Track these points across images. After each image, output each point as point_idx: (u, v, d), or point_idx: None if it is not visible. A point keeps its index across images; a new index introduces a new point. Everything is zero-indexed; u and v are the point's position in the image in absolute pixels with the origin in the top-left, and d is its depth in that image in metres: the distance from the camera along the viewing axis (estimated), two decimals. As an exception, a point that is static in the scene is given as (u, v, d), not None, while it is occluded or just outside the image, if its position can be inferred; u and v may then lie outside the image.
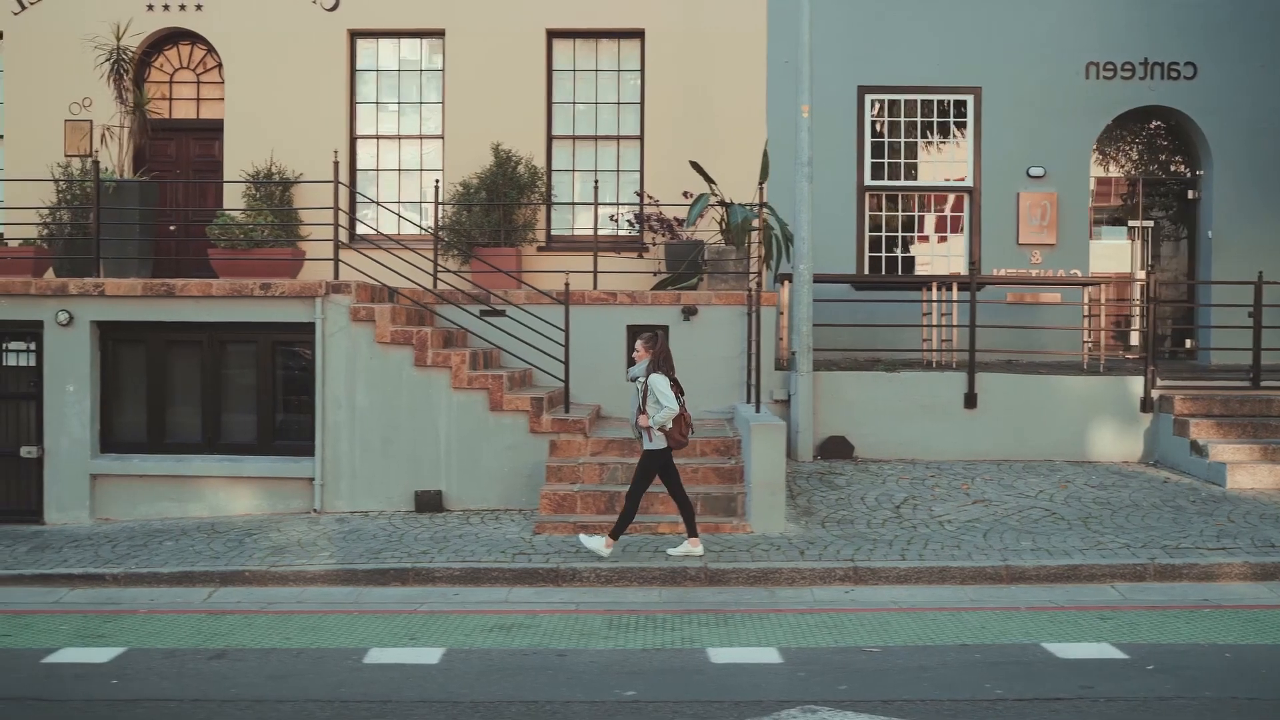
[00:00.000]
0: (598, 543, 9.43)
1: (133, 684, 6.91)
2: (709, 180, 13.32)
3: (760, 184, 13.64)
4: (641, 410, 9.38)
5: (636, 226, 14.59)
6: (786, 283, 13.50)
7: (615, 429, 11.72)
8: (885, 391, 12.91)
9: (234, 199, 14.59)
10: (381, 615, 8.52)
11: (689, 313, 12.86)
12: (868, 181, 15.07)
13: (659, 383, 9.29)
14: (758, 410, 11.15)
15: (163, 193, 13.99)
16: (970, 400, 12.80)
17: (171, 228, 14.58)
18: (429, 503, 11.26)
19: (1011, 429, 12.78)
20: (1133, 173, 15.50)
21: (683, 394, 9.55)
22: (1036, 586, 9.11)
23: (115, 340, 11.73)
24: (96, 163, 12.03)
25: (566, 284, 11.81)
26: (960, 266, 15.11)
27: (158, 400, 11.68)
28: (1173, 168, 15.42)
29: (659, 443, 9.40)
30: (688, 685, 6.79)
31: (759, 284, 13.20)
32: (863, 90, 14.99)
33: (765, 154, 13.74)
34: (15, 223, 13.44)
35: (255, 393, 11.71)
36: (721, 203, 13.29)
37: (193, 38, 15.55)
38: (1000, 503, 11.14)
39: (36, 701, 6.59)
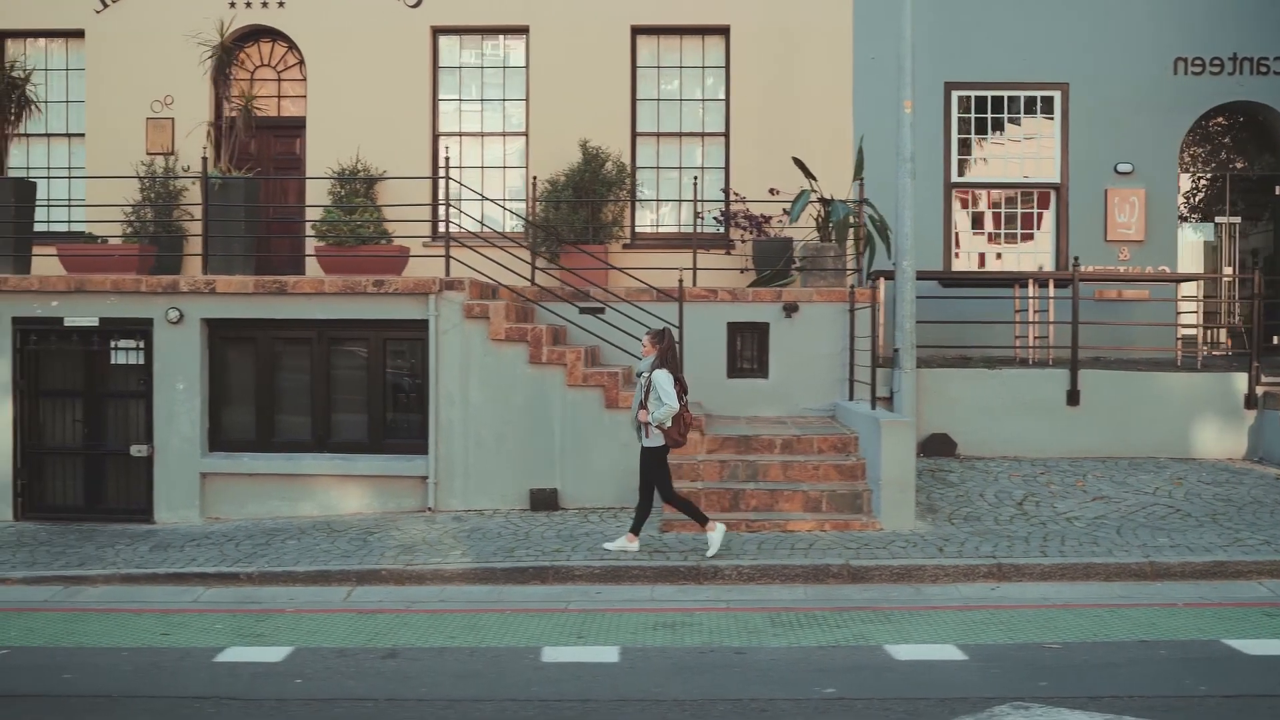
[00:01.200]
0: (621, 543, 9.57)
1: (318, 684, 6.83)
2: (810, 176, 13.26)
3: (855, 180, 13.55)
4: (643, 405, 9.30)
5: (722, 224, 14.50)
6: (882, 279, 13.41)
7: (727, 426, 11.67)
8: (987, 389, 12.83)
9: (319, 195, 14.46)
10: (535, 614, 8.43)
11: (790, 309, 12.79)
12: (954, 178, 14.97)
13: (662, 379, 9.26)
14: (873, 407, 11.08)
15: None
16: (1073, 397, 12.73)
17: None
18: (544, 501, 11.17)
19: (1114, 426, 12.70)
20: (1220, 168, 15.41)
21: (686, 393, 9.50)
22: (1182, 583, 9.04)
23: (223, 338, 11.63)
24: (206, 159, 11.94)
25: (680, 281, 11.74)
26: (1046, 263, 15.04)
27: (266, 398, 11.59)
28: (1260, 163, 15.33)
29: (656, 439, 9.39)
30: (882, 682, 6.71)
31: (859, 280, 13.10)
32: (949, 87, 14.91)
33: (860, 150, 13.66)
34: (100, 220, 13.32)
35: (365, 390, 11.63)
36: (821, 199, 13.19)
37: (274, 35, 15.45)
38: (1120, 499, 11.05)
39: (231, 700, 6.51)
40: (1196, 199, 15.84)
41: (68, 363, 11.67)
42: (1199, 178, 15.69)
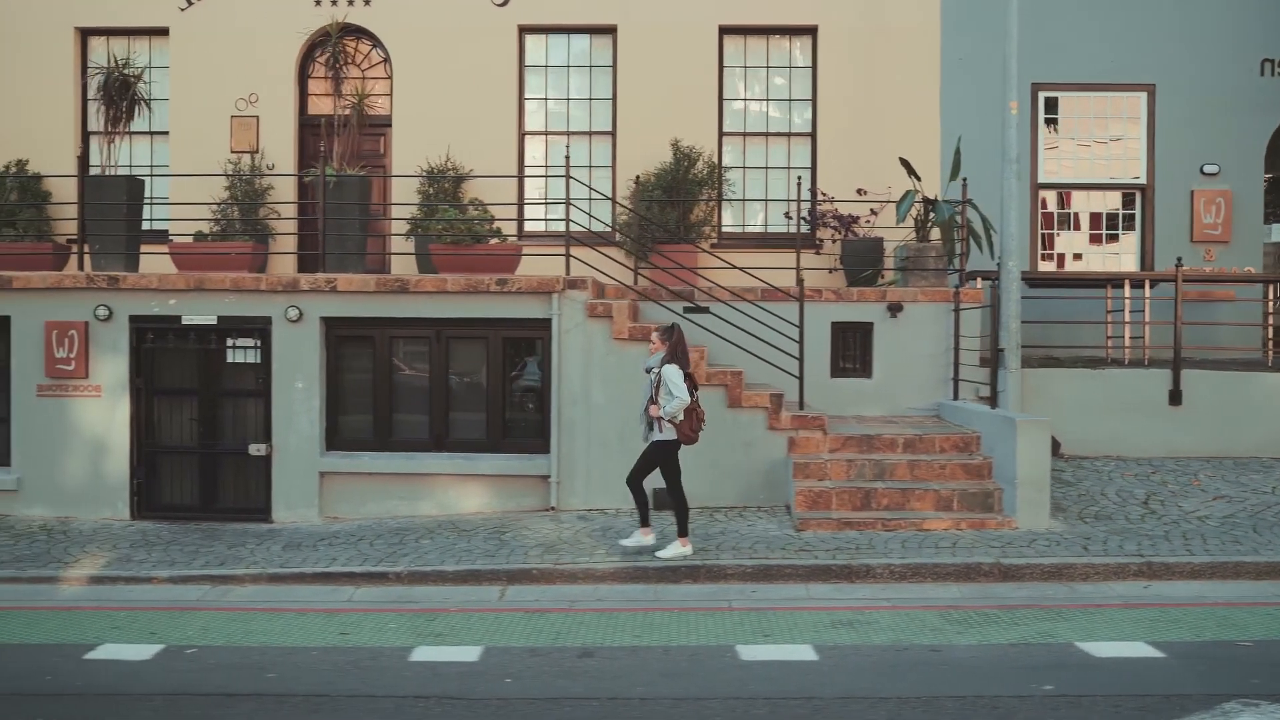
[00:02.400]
0: (675, 549, 9.52)
1: (530, 683, 6.83)
2: (915, 177, 13.26)
3: (951, 180, 13.58)
4: (653, 401, 9.36)
5: (810, 223, 14.52)
6: (979, 279, 13.46)
7: (847, 426, 11.66)
8: (1089, 388, 12.88)
9: (404, 194, 14.42)
10: (705, 612, 8.46)
11: (895, 309, 12.81)
12: (1041, 179, 15.01)
13: (672, 374, 9.29)
14: (992, 407, 11.14)
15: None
16: (1175, 397, 12.78)
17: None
18: (666, 500, 11.11)
19: (1215, 426, 12.75)
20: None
21: (696, 389, 9.52)
22: (1332, 580, 9.03)
23: (340, 336, 11.60)
24: (324, 156, 11.89)
25: (800, 281, 11.78)
26: (1131, 264, 15.10)
27: (384, 397, 11.57)
28: (1344, 165, 15.45)
29: (669, 434, 9.43)
30: (1095, 679, 6.75)
31: (960, 280, 13.12)
32: (1036, 87, 14.97)
33: (958, 150, 13.69)
34: (192, 219, 13.26)
35: (484, 389, 11.59)
36: (925, 200, 13.21)
37: (358, 33, 15.37)
38: (1241, 499, 11.11)
39: (453, 700, 6.50)
40: (1283, 200, 15.91)
41: (184, 361, 11.63)
42: (1285, 179, 15.77)
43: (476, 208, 12.21)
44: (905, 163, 13.30)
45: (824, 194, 14.84)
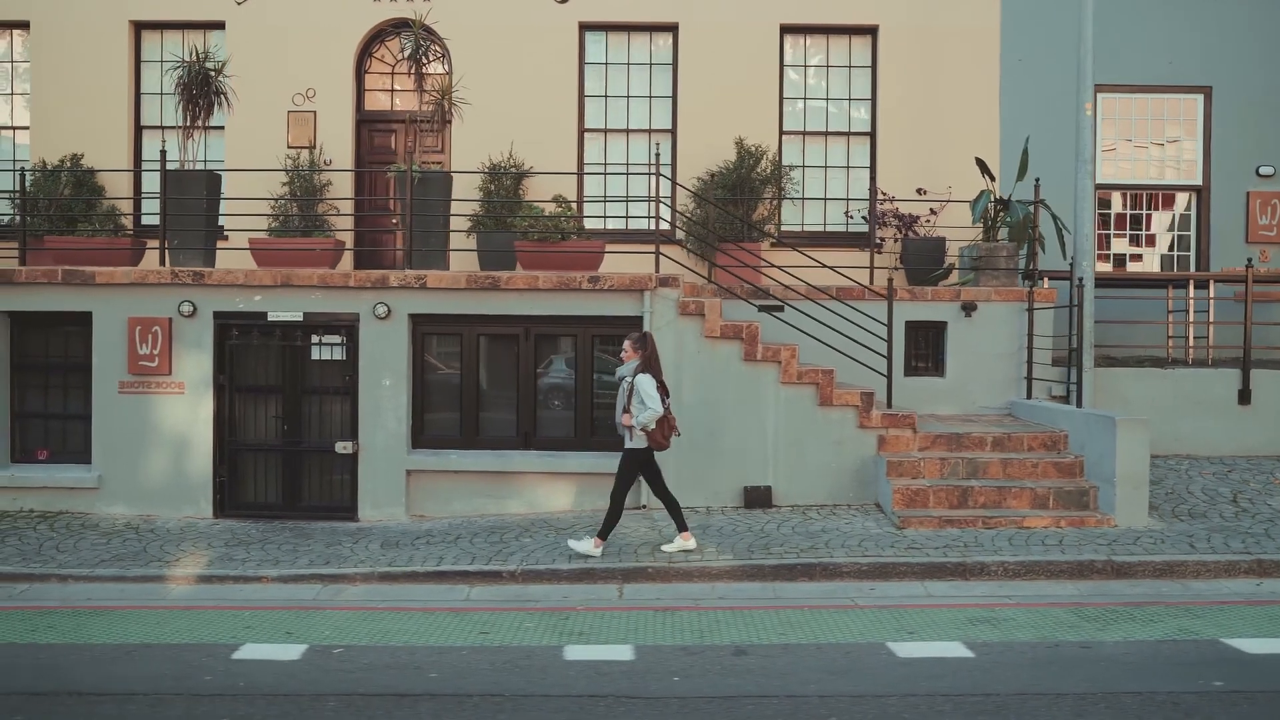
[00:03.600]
0: (587, 545, 9.56)
1: (699, 681, 6.83)
2: (989, 176, 13.32)
3: (1018, 180, 13.65)
4: (626, 409, 9.39)
5: (870, 222, 14.55)
6: (1045, 279, 13.54)
7: (931, 424, 11.69)
8: (1158, 387, 12.97)
9: (464, 190, 14.32)
10: (832, 610, 8.50)
11: (969, 308, 12.86)
12: (1098, 180, 15.08)
13: (645, 383, 9.33)
14: (1079, 405, 11.30)
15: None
16: (1244, 396, 12.88)
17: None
18: (759, 498, 11.17)
19: (1285, 424, 12.84)
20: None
21: (668, 397, 9.57)
22: None
23: (426, 333, 11.53)
24: (411, 152, 11.80)
25: (890, 280, 11.78)
26: (1187, 264, 15.20)
27: (471, 395, 11.52)
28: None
29: (640, 442, 9.49)
30: (1263, 674, 6.77)
31: (1033, 280, 13.19)
32: (1097, 89, 14.98)
33: (1025, 151, 13.78)
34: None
35: (572, 387, 11.55)
36: (999, 200, 13.27)
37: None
38: (1325, 497, 11.19)
39: (632, 699, 6.47)
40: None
41: (267, 358, 11.54)
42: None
43: (560, 204, 12.12)
44: (981, 163, 13.36)
45: (884, 193, 14.86)
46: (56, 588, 9.30)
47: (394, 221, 13.88)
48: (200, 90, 11.82)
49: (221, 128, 15.25)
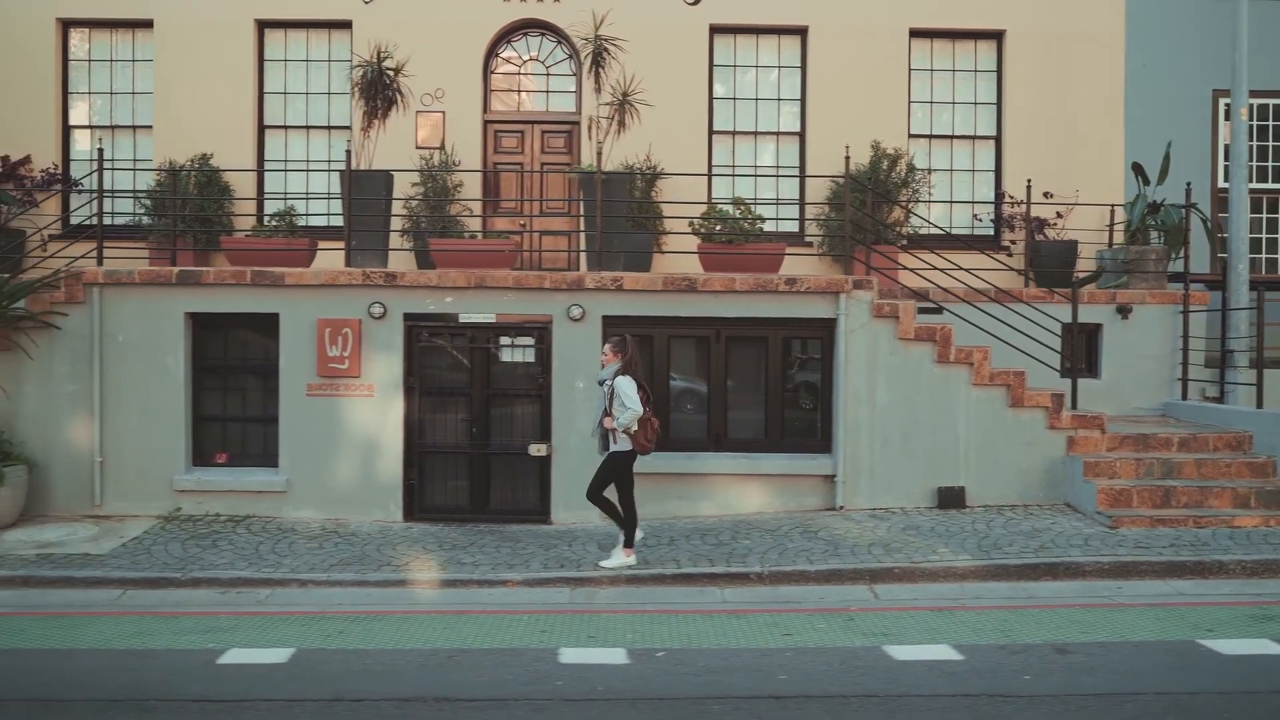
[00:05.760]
0: (619, 559, 9.60)
1: (1055, 679, 6.86)
2: (1144, 180, 13.51)
3: (1158, 184, 13.86)
4: (607, 413, 9.50)
5: (1005, 225, 14.73)
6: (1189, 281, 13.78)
7: (1118, 425, 11.83)
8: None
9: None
10: (1103, 608, 8.63)
11: (1124, 311, 13.04)
12: (1220, 184, 15.36)
13: (625, 386, 9.44)
14: (1259, 406, 11.41)
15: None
16: (1394, 397, 13.13)
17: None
18: (952, 499, 11.26)
19: None
20: None
21: (650, 400, 9.66)
22: None
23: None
24: (599, 153, 11.77)
25: (1075, 280, 11.89)
26: (1310, 267, 15.53)
27: (662, 396, 11.49)
28: None
29: (624, 445, 9.57)
30: None
31: (1185, 283, 13.40)
32: (1217, 94, 15.29)
33: (1167, 155, 13.99)
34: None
35: (763, 389, 11.58)
36: (1152, 204, 13.47)
37: (543, 28, 15.23)
38: None
39: (1014, 698, 6.50)
40: None
41: (457, 360, 11.42)
42: None
43: (741, 207, 12.13)
44: (1137, 167, 13.55)
45: (1010, 196, 15.02)
46: (299, 592, 9.17)
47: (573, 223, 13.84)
48: (379, 89, 11.64)
49: (348, 128, 15.10)
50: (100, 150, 12.06)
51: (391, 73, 11.87)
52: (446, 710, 6.33)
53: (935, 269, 12.57)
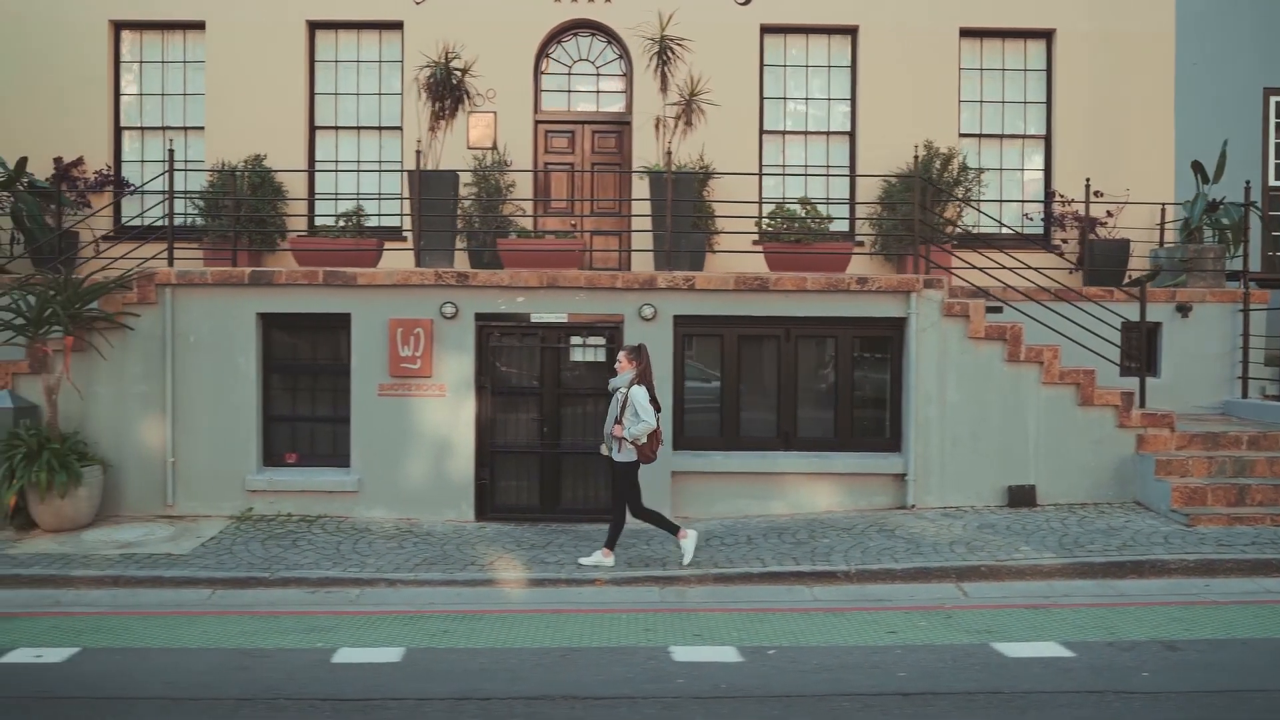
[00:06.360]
0: (597, 558, 9.60)
1: (1168, 676, 6.90)
2: (1203, 179, 13.54)
3: (1214, 182, 13.91)
4: (618, 420, 9.47)
5: (1054, 224, 14.75)
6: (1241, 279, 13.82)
7: (1184, 423, 11.86)
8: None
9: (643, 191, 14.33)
10: (1200, 606, 8.65)
11: (1184, 310, 13.07)
12: (1272, 182, 15.39)
13: (640, 396, 9.42)
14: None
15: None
16: None
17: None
18: (1023, 497, 11.29)
19: None
20: None
21: (659, 410, 9.60)
22: None
23: (686, 335, 11.53)
24: (669, 152, 11.78)
25: (1143, 282, 11.90)
26: (1353, 265, 15.52)
27: (731, 396, 11.54)
28: None
29: (629, 455, 9.54)
30: None
31: (1230, 279, 13.44)
32: (1268, 92, 15.30)
33: (1223, 154, 14.04)
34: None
35: (832, 388, 11.61)
36: (1212, 203, 13.50)
37: (593, 28, 15.25)
38: None
39: (1140, 695, 6.51)
40: None
41: (528, 360, 11.46)
42: None
43: (808, 207, 12.16)
44: (1197, 165, 13.59)
45: (1060, 195, 15.05)
46: (389, 592, 9.19)
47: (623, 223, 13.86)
48: (446, 89, 11.65)
49: (399, 129, 15.11)
50: (171, 151, 12.02)
51: (459, 72, 11.83)
52: (579, 709, 6.33)
53: (988, 269, 12.63)
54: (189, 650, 7.55)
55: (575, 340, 11.36)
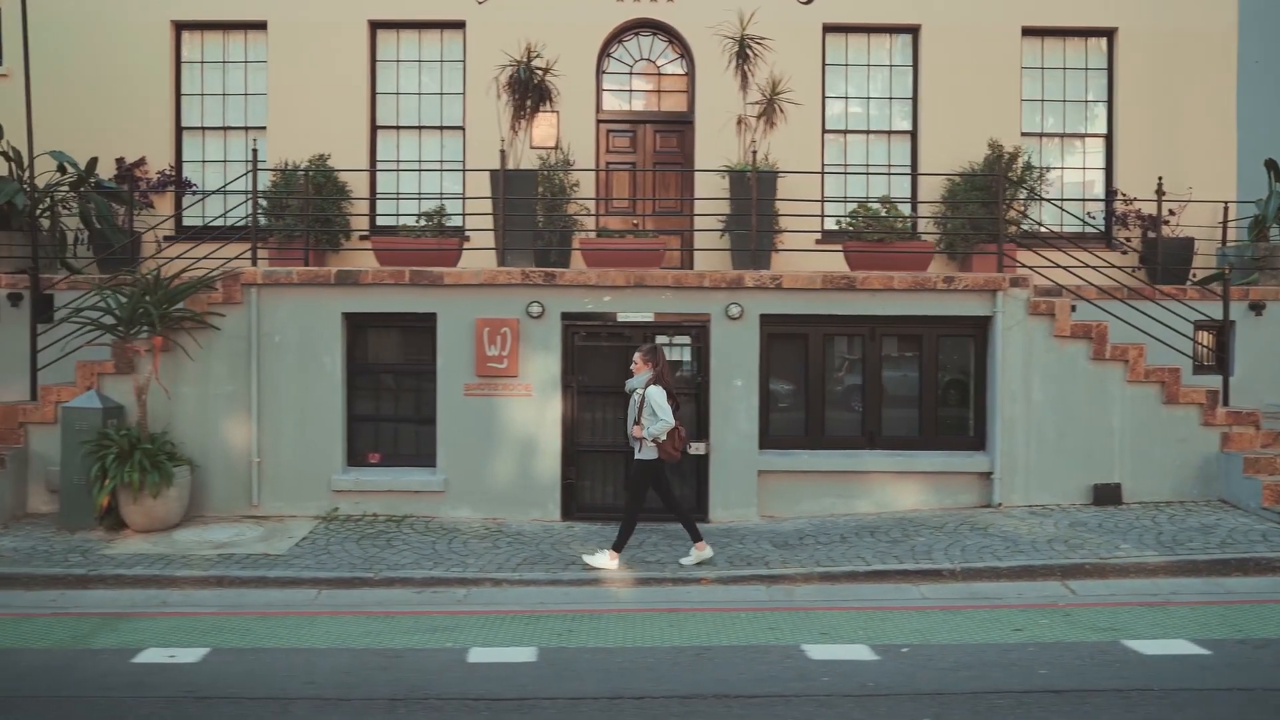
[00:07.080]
0: (603, 560, 9.53)
1: None
2: (1278, 177, 13.54)
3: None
4: (637, 421, 9.49)
5: (1117, 222, 14.76)
6: (1308, 278, 13.83)
7: (1268, 422, 11.86)
8: None
9: (716, 192, 14.29)
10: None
11: (1257, 308, 13.07)
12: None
13: (657, 395, 9.43)
14: None
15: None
16: None
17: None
18: (1108, 495, 11.29)
19: None
20: None
21: (678, 409, 9.60)
22: None
23: (771, 334, 11.52)
24: (754, 152, 11.78)
25: (1226, 279, 11.90)
26: None
27: (817, 394, 11.53)
28: None
29: (650, 453, 9.53)
30: None
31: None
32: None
33: (1290, 151, 14.01)
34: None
35: (916, 387, 11.61)
36: (1284, 199, 13.51)
37: (655, 27, 15.24)
38: None
39: (1270, 690, 6.51)
40: None
41: (613, 359, 11.44)
42: None
43: (887, 206, 12.15)
44: (1271, 163, 13.58)
45: (1123, 194, 15.05)
46: (496, 591, 9.19)
47: (684, 222, 13.85)
48: (529, 88, 11.64)
49: (461, 128, 15.09)
50: (255, 151, 11.97)
51: (540, 71, 11.82)
52: (735, 707, 6.32)
53: (1063, 267, 12.60)
54: (318, 650, 7.53)
55: (661, 339, 11.31)
